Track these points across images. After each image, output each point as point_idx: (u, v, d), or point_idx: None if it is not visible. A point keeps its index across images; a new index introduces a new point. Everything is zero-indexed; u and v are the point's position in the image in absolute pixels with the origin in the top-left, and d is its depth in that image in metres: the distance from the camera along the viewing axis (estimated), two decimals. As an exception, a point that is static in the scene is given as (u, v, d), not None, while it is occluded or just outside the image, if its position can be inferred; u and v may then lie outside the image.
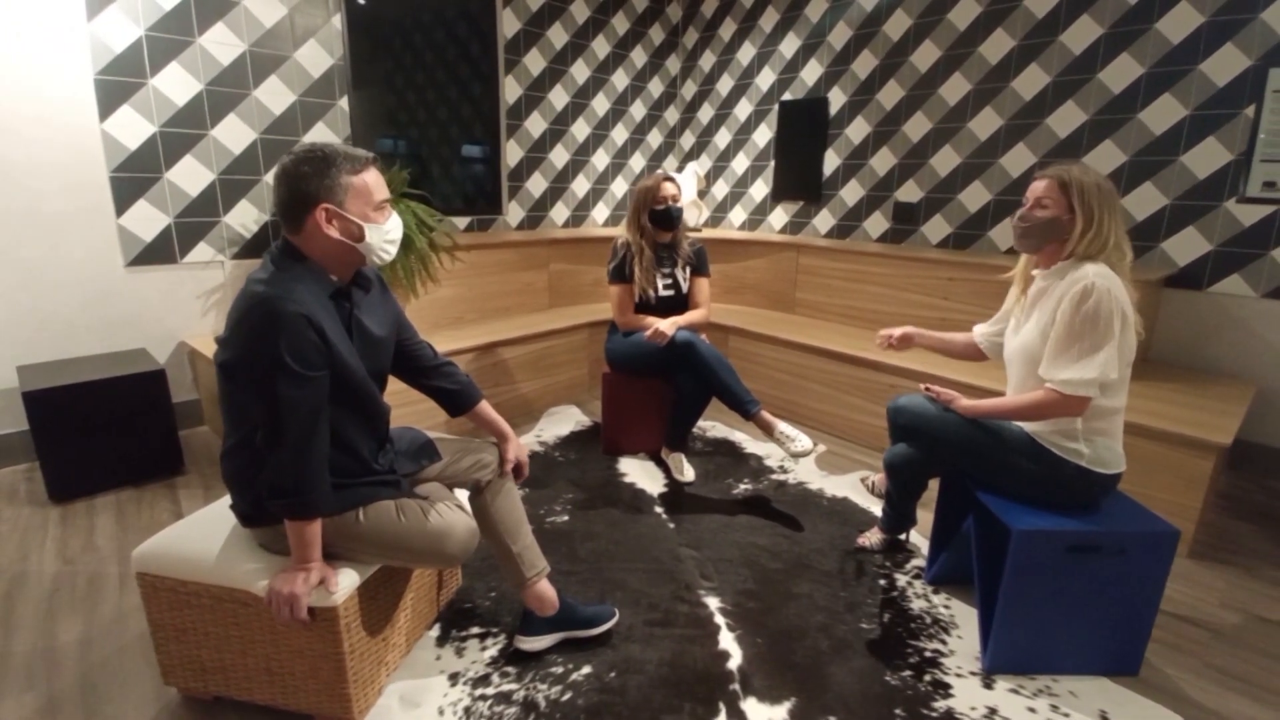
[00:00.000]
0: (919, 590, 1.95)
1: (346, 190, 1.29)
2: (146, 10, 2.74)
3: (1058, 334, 1.56)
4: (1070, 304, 1.53)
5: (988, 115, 3.42)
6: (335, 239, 1.29)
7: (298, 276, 1.26)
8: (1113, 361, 1.52)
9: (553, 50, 4.25)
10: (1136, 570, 1.54)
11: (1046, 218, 1.62)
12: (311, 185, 1.26)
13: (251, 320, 1.20)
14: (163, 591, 1.45)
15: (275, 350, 1.18)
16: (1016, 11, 3.26)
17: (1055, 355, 1.56)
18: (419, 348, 1.64)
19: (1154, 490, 2.17)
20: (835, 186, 4.17)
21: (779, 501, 2.49)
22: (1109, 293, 1.51)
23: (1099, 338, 1.51)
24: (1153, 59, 2.88)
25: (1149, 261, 3.00)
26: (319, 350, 1.24)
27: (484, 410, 1.71)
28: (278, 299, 1.19)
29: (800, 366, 3.29)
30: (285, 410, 1.21)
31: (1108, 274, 1.55)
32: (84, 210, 2.72)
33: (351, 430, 1.38)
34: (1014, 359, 1.75)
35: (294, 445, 1.23)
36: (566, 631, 1.66)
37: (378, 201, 1.33)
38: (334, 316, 1.31)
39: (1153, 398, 2.45)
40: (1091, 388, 1.52)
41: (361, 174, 1.31)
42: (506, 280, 3.73)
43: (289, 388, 1.20)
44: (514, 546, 1.61)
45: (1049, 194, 1.62)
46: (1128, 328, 1.54)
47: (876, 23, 3.81)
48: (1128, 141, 3.00)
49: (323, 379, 1.25)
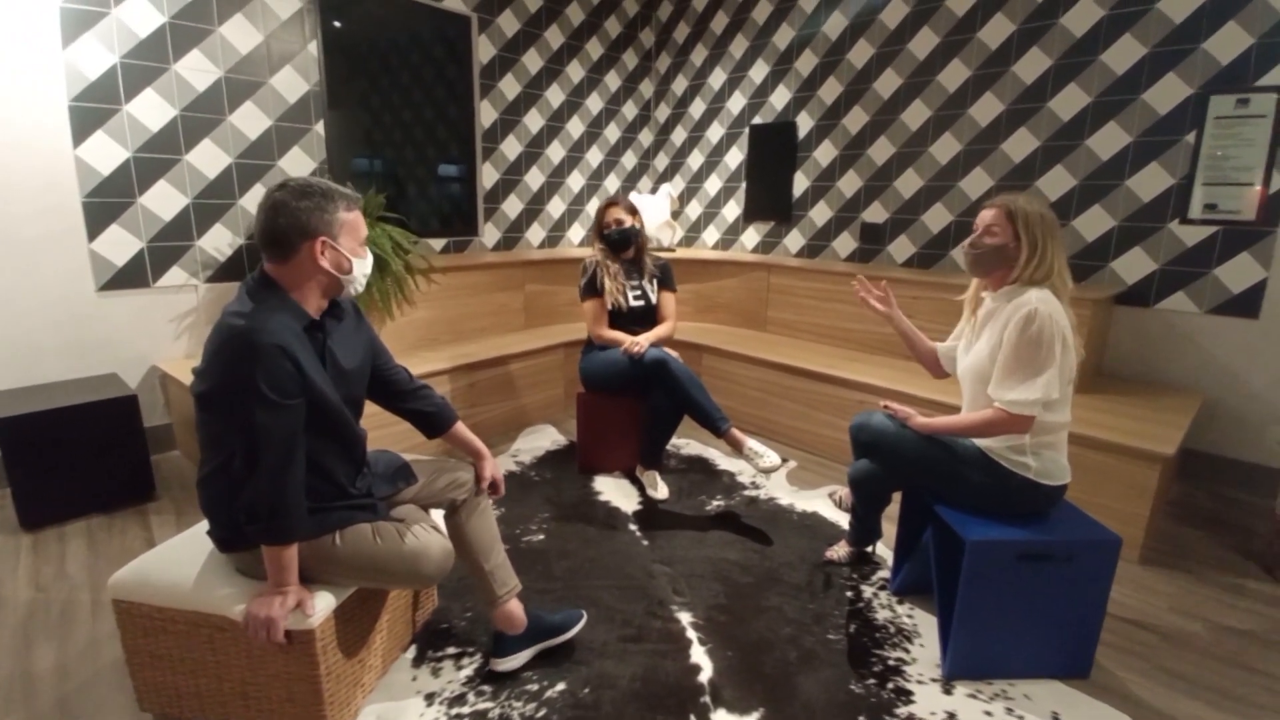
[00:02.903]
0: (884, 601, 2.02)
1: (342, 225, 1.38)
2: (122, 38, 2.76)
3: (1004, 357, 1.65)
4: (1015, 329, 1.63)
5: (947, 140, 3.57)
6: (325, 270, 1.36)
7: (273, 309, 1.30)
8: (1054, 383, 1.61)
9: (528, 75, 4.33)
10: (1083, 576, 1.63)
11: (995, 245, 1.72)
12: (314, 218, 1.34)
13: (229, 352, 1.25)
14: (138, 618, 1.46)
15: (252, 380, 1.22)
16: (971, 43, 3.42)
17: (1002, 377, 1.65)
18: (395, 372, 1.68)
19: (1105, 499, 2.27)
20: (805, 207, 4.29)
21: (750, 517, 2.55)
22: (1051, 318, 1.60)
23: (1041, 361, 1.60)
24: (1099, 89, 3.04)
25: (1099, 280, 3.14)
26: (294, 380, 1.28)
27: (460, 431, 1.76)
28: (254, 331, 1.24)
29: (771, 384, 3.36)
30: (261, 438, 1.25)
31: (1050, 299, 1.64)
32: (56, 235, 2.71)
33: (328, 456, 1.41)
34: (965, 377, 1.85)
35: (270, 472, 1.26)
36: (539, 644, 1.70)
37: (364, 237, 1.45)
38: (308, 347, 1.35)
39: (1104, 410, 2.57)
40: (1035, 407, 1.62)
41: (355, 211, 1.42)
42: (482, 301, 3.78)
43: (265, 416, 1.24)
44: (486, 565, 1.65)
45: (997, 222, 1.72)
46: (1068, 350, 1.64)
47: (841, 51, 3.96)
48: (1077, 166, 3.15)
49: (298, 407, 1.29)
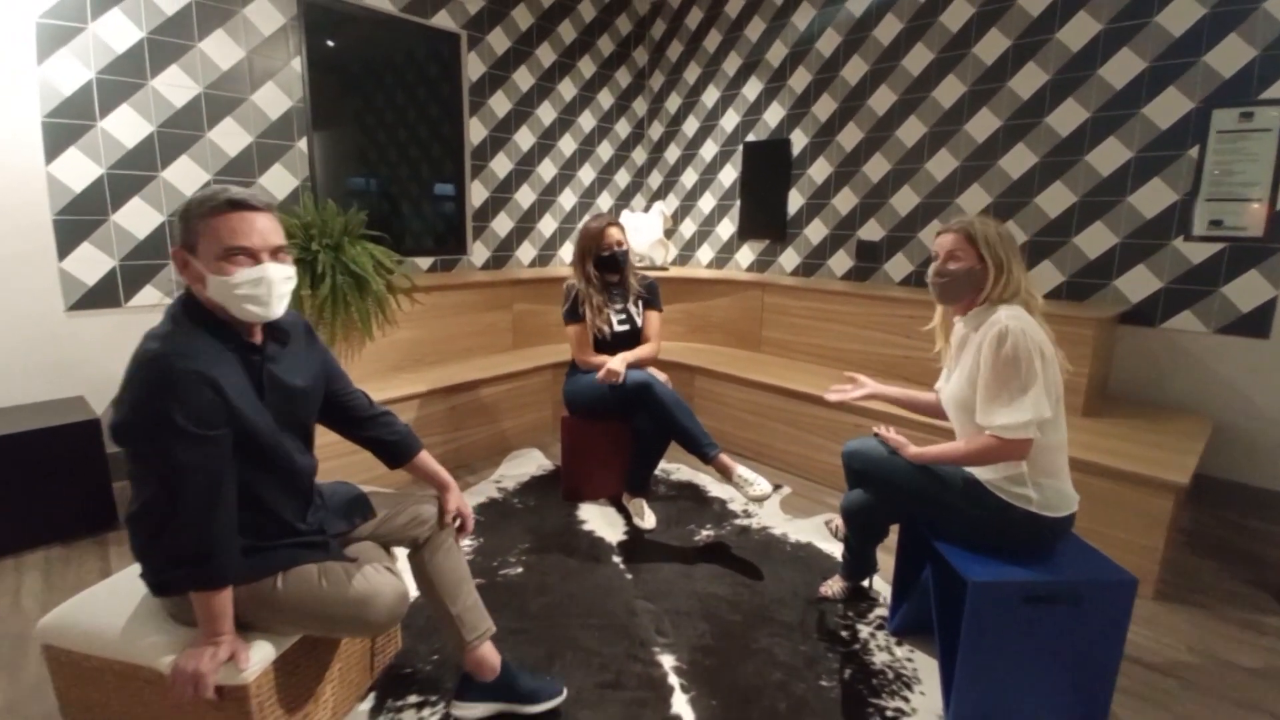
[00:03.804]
0: (881, 642, 1.88)
1: (199, 234, 1.18)
2: (98, 53, 2.70)
3: (984, 381, 1.55)
4: (989, 349, 1.53)
5: (943, 157, 3.49)
6: (196, 287, 1.21)
7: (196, 332, 1.19)
8: (1043, 400, 1.50)
9: (519, 92, 4.28)
10: (1095, 620, 1.50)
11: (961, 269, 1.64)
12: (178, 227, 1.20)
13: (141, 380, 1.13)
14: (68, 665, 1.35)
15: (166, 411, 1.10)
16: (966, 59, 3.36)
17: (986, 402, 1.55)
18: (353, 397, 1.56)
19: (1115, 530, 2.14)
20: (800, 225, 4.21)
21: (741, 548, 2.42)
22: (1023, 333, 1.51)
23: (1023, 379, 1.50)
24: (1098, 103, 2.97)
25: (1102, 299, 3.04)
26: (216, 409, 1.15)
27: (424, 461, 1.63)
28: (169, 356, 1.12)
29: (764, 406, 3.25)
30: (181, 475, 1.13)
31: (1020, 315, 1.56)
32: (24, 254, 2.62)
33: (268, 490, 1.29)
34: (949, 407, 1.75)
35: (193, 511, 1.14)
36: (505, 703, 1.55)
37: (225, 248, 1.17)
38: (239, 372, 1.23)
39: (1110, 435, 2.45)
40: (1029, 429, 1.50)
41: (212, 218, 1.17)
42: (468, 321, 3.68)
43: (184, 450, 1.12)
44: (453, 608, 1.52)
45: (959, 246, 1.64)
46: (1049, 364, 1.54)
47: (835, 68, 3.90)
48: (1077, 182, 3.07)
49: (222, 439, 1.17)
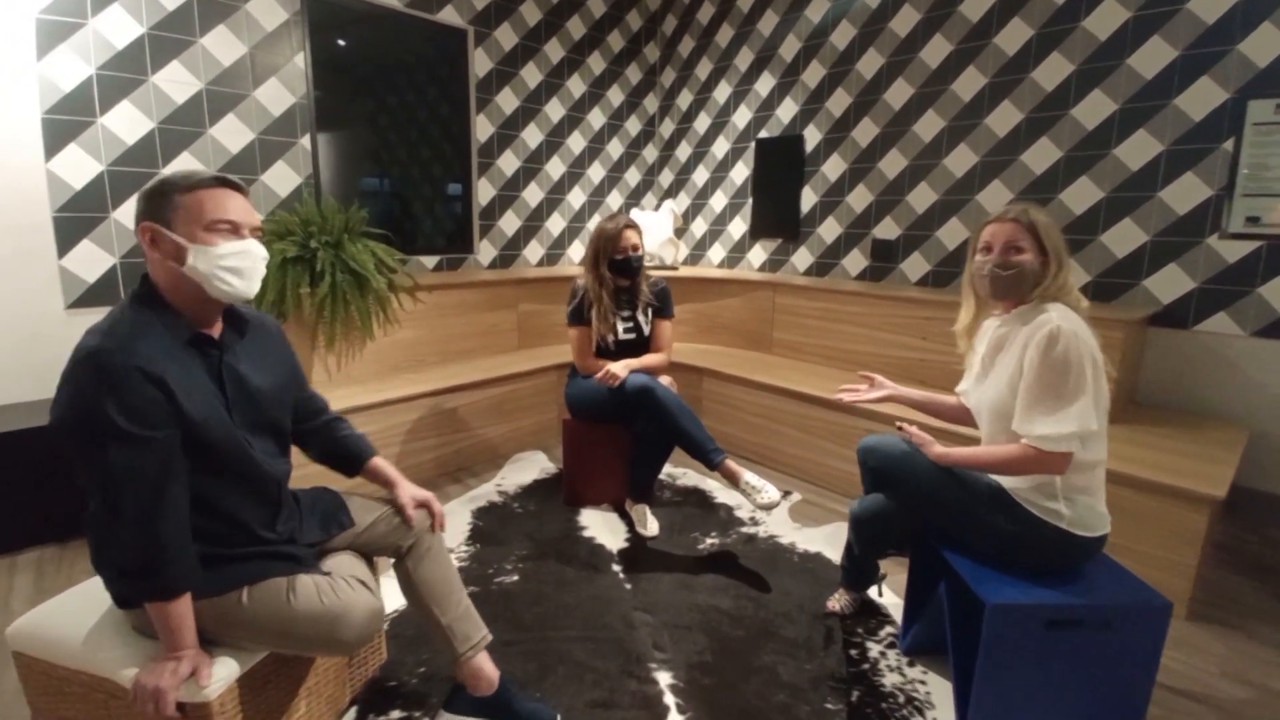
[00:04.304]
0: (893, 662, 1.78)
1: (175, 209, 1.14)
2: (98, 49, 2.67)
3: (1028, 385, 1.42)
4: (1037, 351, 1.40)
5: (962, 152, 3.36)
6: (167, 265, 1.14)
7: (144, 323, 1.11)
8: (1090, 412, 1.38)
9: (526, 89, 4.22)
10: (1126, 647, 1.38)
11: (1028, 262, 1.49)
12: (141, 204, 1.15)
13: (75, 376, 1.05)
14: (37, 674, 1.29)
15: (102, 410, 1.02)
16: (987, 49, 3.23)
17: (1028, 408, 1.43)
18: (312, 400, 1.52)
19: (1145, 546, 2.01)
20: (813, 224, 4.10)
21: (747, 557, 2.32)
22: (1076, 336, 1.38)
23: (1073, 387, 1.38)
24: (1126, 94, 2.83)
25: (1131, 300, 2.89)
26: (158, 407, 1.07)
27: (377, 465, 1.54)
28: (106, 351, 1.05)
29: (774, 410, 3.15)
30: (118, 480, 1.05)
31: (1071, 316, 1.43)
32: (23, 252, 2.60)
33: (230, 495, 1.22)
34: (981, 412, 1.62)
35: (134, 519, 1.06)
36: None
37: (210, 220, 1.15)
38: (192, 366, 1.16)
39: (1140, 444, 2.31)
40: (1071, 442, 1.38)
41: (195, 192, 1.14)
42: (472, 321, 3.61)
43: (121, 452, 1.04)
44: (443, 618, 1.43)
45: (1019, 237, 1.50)
46: (1099, 373, 1.41)
47: (849, 61, 3.79)
48: (1104, 177, 2.93)
49: (166, 439, 1.09)
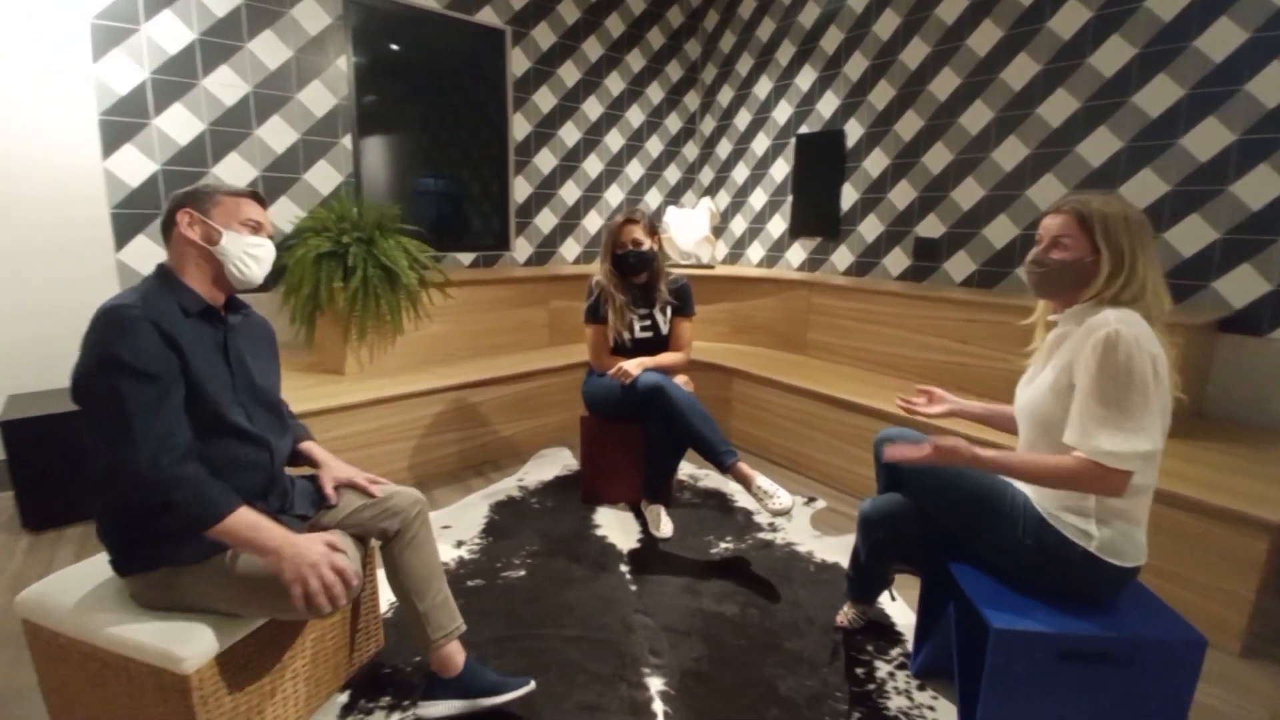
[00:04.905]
0: (900, 684, 1.67)
1: (216, 204, 1.36)
2: (151, 54, 2.83)
3: (1085, 394, 1.26)
4: (1094, 356, 1.25)
5: (1012, 144, 3.17)
6: (195, 243, 1.33)
7: (158, 292, 1.28)
8: (1157, 428, 1.24)
9: (564, 88, 4.23)
10: (1151, 686, 1.25)
11: (1065, 260, 1.35)
12: (182, 197, 1.35)
13: (93, 331, 1.19)
14: (41, 641, 1.35)
15: (114, 352, 1.15)
16: (1040, 35, 3.03)
17: (1087, 419, 1.26)
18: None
19: (1198, 573, 1.83)
20: (854, 222, 3.95)
21: (760, 564, 2.24)
22: (1137, 342, 1.22)
23: (1137, 400, 1.22)
24: (1193, 79, 2.59)
25: (1199, 303, 2.65)
26: (167, 357, 1.21)
27: (307, 448, 1.59)
28: (120, 307, 1.19)
29: (804, 414, 3.04)
30: (130, 415, 1.14)
31: (1133, 320, 1.26)
32: (84, 245, 2.78)
33: (226, 463, 1.28)
34: (1021, 415, 1.47)
35: (150, 455, 1.15)
36: (470, 699, 1.47)
37: (245, 218, 1.38)
38: (202, 334, 1.31)
39: (1201, 462, 2.11)
40: (1136, 461, 1.22)
41: (236, 198, 1.38)
42: (503, 317, 3.65)
43: (131, 385, 1.15)
44: (420, 604, 1.47)
45: (1067, 231, 1.35)
46: (1162, 386, 1.25)
47: (893, 52, 3.63)
48: (1169, 170, 2.69)
49: (171, 383, 1.21)
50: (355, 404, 2.66)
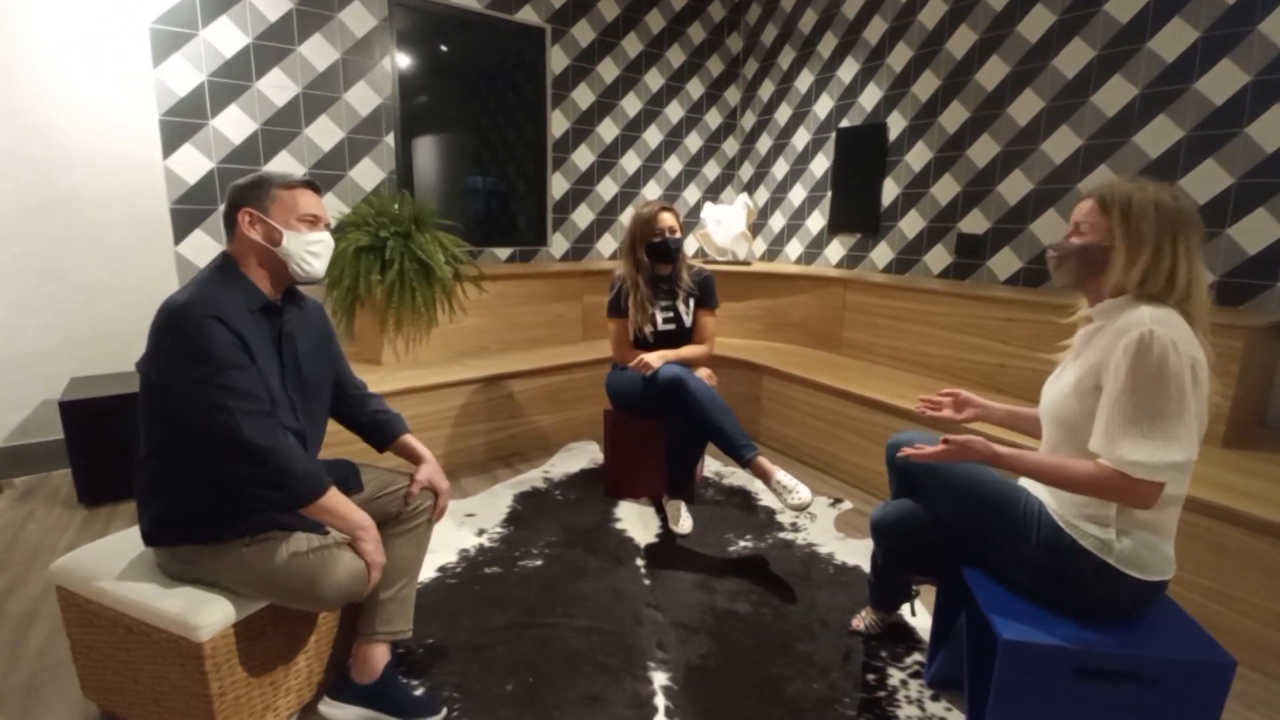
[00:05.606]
0: (913, 693, 1.62)
1: (273, 200, 1.37)
2: (209, 58, 2.99)
3: (1114, 398, 1.18)
4: (1125, 358, 1.17)
5: (1063, 135, 3.01)
6: (257, 243, 1.36)
7: (222, 288, 1.31)
8: (1193, 437, 1.15)
9: (602, 84, 4.26)
10: (1178, 708, 1.17)
11: (1078, 245, 1.30)
12: (245, 194, 1.37)
13: (169, 332, 1.24)
14: (74, 607, 1.45)
15: (206, 350, 1.21)
16: (1096, 18, 2.87)
17: (1113, 424, 1.18)
18: (348, 377, 1.63)
19: (1244, 592, 1.71)
20: (894, 217, 3.84)
21: (778, 564, 2.21)
22: (1174, 344, 1.14)
23: (1174, 406, 1.14)
24: (1258, 66, 2.41)
25: (1265, 303, 2.47)
26: (240, 349, 1.27)
27: (408, 442, 1.64)
28: (188, 305, 1.24)
29: (835, 413, 2.98)
30: (230, 406, 1.21)
31: (1171, 320, 1.17)
32: (145, 239, 2.96)
33: None
34: (1045, 413, 1.40)
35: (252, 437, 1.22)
36: (376, 712, 1.45)
37: (303, 213, 1.40)
38: (259, 329, 1.34)
39: (1255, 474, 1.97)
40: (1168, 473, 1.15)
41: (292, 190, 1.39)
42: (537, 311, 3.70)
43: (232, 375, 1.23)
44: (383, 592, 1.46)
45: (1089, 217, 1.29)
46: (1200, 391, 1.17)
47: (939, 41, 3.51)
48: (1234, 160, 2.51)
49: (255, 371, 1.28)
50: (390, 392, 2.74)
